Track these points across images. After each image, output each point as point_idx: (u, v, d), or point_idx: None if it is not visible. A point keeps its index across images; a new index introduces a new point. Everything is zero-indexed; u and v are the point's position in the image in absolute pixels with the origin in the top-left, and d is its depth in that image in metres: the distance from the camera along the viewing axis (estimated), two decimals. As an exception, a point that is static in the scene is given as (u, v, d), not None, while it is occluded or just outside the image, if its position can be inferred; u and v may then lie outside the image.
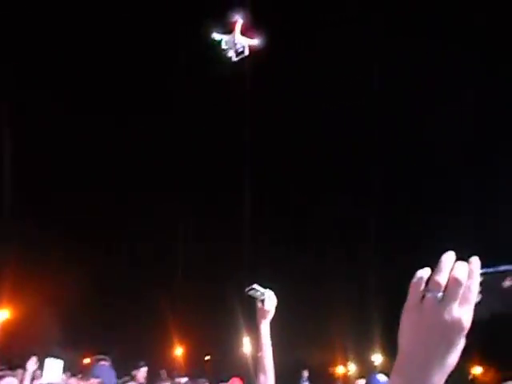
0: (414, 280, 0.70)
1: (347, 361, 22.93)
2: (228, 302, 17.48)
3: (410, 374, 0.67)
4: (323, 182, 21.67)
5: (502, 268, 0.74)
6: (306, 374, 11.04)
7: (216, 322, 20.28)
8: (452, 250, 0.72)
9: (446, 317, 0.66)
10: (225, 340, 20.86)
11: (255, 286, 2.47)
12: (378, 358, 20.80)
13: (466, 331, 0.67)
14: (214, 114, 19.90)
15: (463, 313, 0.66)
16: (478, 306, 0.69)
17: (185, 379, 8.53)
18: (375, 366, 20.22)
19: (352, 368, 22.00)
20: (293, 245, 22.47)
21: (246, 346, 21.64)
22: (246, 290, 2.46)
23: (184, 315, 19.62)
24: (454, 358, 0.67)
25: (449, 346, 0.66)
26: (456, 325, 0.66)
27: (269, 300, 2.47)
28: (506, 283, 0.73)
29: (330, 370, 22.43)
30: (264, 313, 2.45)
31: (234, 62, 17.13)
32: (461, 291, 0.67)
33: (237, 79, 17.83)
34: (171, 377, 9.23)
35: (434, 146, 18.82)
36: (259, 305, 2.46)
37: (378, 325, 20.35)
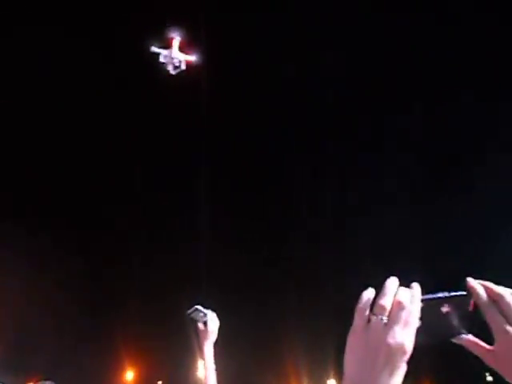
0: (360, 304, 0.71)
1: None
2: (182, 325, 17.09)
3: None
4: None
5: (440, 295, 0.77)
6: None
7: (170, 345, 19.76)
8: (396, 275, 0.74)
9: (390, 340, 0.67)
10: (178, 364, 20.32)
11: (198, 307, 2.44)
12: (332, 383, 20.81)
13: (408, 355, 0.68)
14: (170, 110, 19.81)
15: (406, 337, 0.68)
16: (418, 331, 0.70)
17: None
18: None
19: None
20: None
21: (201, 369, 21.19)
22: (188, 311, 2.43)
23: (136, 338, 19.04)
24: (397, 383, 0.68)
25: (392, 369, 0.67)
26: (399, 348, 0.67)
27: (211, 321, 2.43)
28: (444, 309, 0.76)
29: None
30: (207, 334, 2.41)
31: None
32: (404, 315, 0.69)
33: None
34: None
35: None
36: (201, 327, 2.42)
37: (332, 350, 20.48)
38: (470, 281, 0.80)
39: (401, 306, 0.69)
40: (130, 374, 22.28)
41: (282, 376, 22.48)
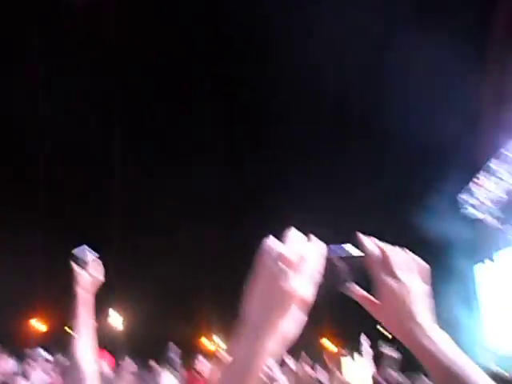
0: (262, 251, 0.75)
1: (212, 333, 23.75)
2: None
3: (247, 341, 0.73)
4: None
5: (340, 250, 0.84)
6: (173, 345, 11.15)
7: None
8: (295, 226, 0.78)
9: (287, 287, 0.72)
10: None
11: (85, 247, 2.15)
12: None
13: (306, 305, 0.74)
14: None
15: (303, 285, 0.73)
16: (319, 284, 0.76)
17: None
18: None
19: (217, 340, 22.84)
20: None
21: (113, 317, 21.14)
22: (74, 251, 2.12)
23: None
24: (291, 329, 0.73)
25: (286, 315, 0.72)
26: (294, 295, 0.72)
27: (96, 266, 2.11)
28: (341, 265, 0.83)
29: (195, 342, 23.00)
30: (86, 282, 2.07)
31: None
32: (304, 266, 0.74)
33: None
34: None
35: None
36: (80, 271, 2.07)
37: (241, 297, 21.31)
38: (360, 236, 0.87)
39: (302, 257, 0.74)
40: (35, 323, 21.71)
41: (194, 324, 23.24)
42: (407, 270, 0.86)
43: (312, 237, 0.78)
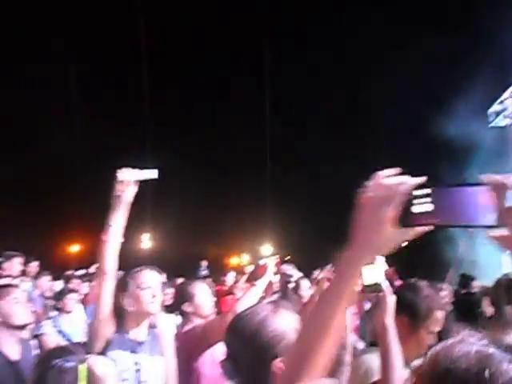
0: (365, 188, 0.90)
1: (241, 252, 24.84)
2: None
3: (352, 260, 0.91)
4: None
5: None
6: (204, 263, 11.78)
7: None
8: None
9: (382, 213, 0.87)
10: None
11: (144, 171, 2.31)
12: (266, 249, 22.85)
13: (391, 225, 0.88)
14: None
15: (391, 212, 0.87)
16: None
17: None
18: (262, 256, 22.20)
19: (245, 258, 23.94)
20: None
21: (145, 242, 22.20)
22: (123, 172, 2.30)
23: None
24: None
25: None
26: (386, 219, 0.87)
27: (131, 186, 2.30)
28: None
29: (226, 260, 24.18)
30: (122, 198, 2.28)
31: None
32: (392, 195, 0.87)
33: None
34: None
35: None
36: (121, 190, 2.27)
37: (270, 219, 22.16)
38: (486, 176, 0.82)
39: (389, 187, 0.88)
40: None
41: (224, 244, 24.29)
42: None
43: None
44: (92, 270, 6.70)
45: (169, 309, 3.76)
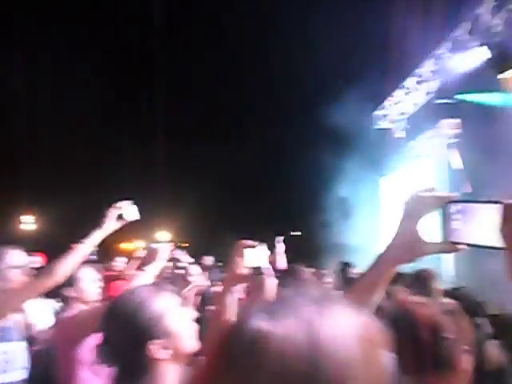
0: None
1: (134, 238, 24.13)
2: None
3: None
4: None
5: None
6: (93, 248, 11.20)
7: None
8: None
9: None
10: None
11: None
12: (162, 235, 22.47)
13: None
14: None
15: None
16: None
17: None
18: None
19: (139, 244, 23.29)
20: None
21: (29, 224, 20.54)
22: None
23: None
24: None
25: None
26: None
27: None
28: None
29: (117, 245, 23.28)
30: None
31: None
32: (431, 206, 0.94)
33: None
34: None
35: None
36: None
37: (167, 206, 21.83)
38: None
39: None
40: None
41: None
42: None
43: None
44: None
45: (48, 294, 3.56)
